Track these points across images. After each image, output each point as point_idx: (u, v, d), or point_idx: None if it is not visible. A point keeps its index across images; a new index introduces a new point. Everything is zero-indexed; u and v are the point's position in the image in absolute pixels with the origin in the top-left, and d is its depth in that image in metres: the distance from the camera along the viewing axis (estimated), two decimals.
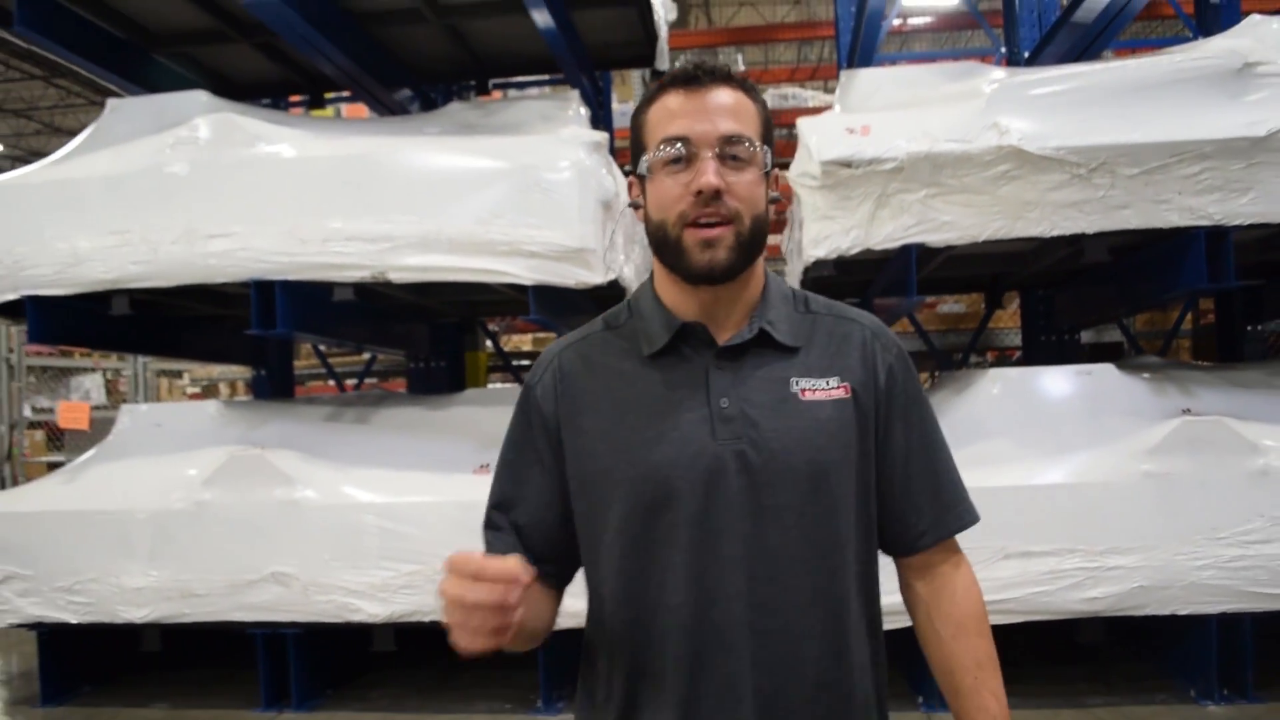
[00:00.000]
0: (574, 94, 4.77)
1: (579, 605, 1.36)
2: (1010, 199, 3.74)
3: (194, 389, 11.13)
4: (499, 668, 4.43)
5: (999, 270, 5.49)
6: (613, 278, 3.93)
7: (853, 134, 3.82)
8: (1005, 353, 7.91)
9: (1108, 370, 4.17)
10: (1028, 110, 3.78)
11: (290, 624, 3.95)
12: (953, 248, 3.90)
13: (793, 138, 4.30)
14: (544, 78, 6.71)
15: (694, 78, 1.24)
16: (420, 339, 5.99)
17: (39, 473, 7.79)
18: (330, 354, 7.73)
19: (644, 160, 1.26)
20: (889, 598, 1.33)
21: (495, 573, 1.03)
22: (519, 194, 3.81)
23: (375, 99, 5.39)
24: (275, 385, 5.94)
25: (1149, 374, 4.28)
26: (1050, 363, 4.73)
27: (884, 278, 4.60)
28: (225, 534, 3.94)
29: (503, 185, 3.84)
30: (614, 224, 4.03)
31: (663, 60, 5.73)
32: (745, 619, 1.20)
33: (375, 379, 8.33)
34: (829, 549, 1.24)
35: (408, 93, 5.67)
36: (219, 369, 10.02)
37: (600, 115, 5.71)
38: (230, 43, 5.18)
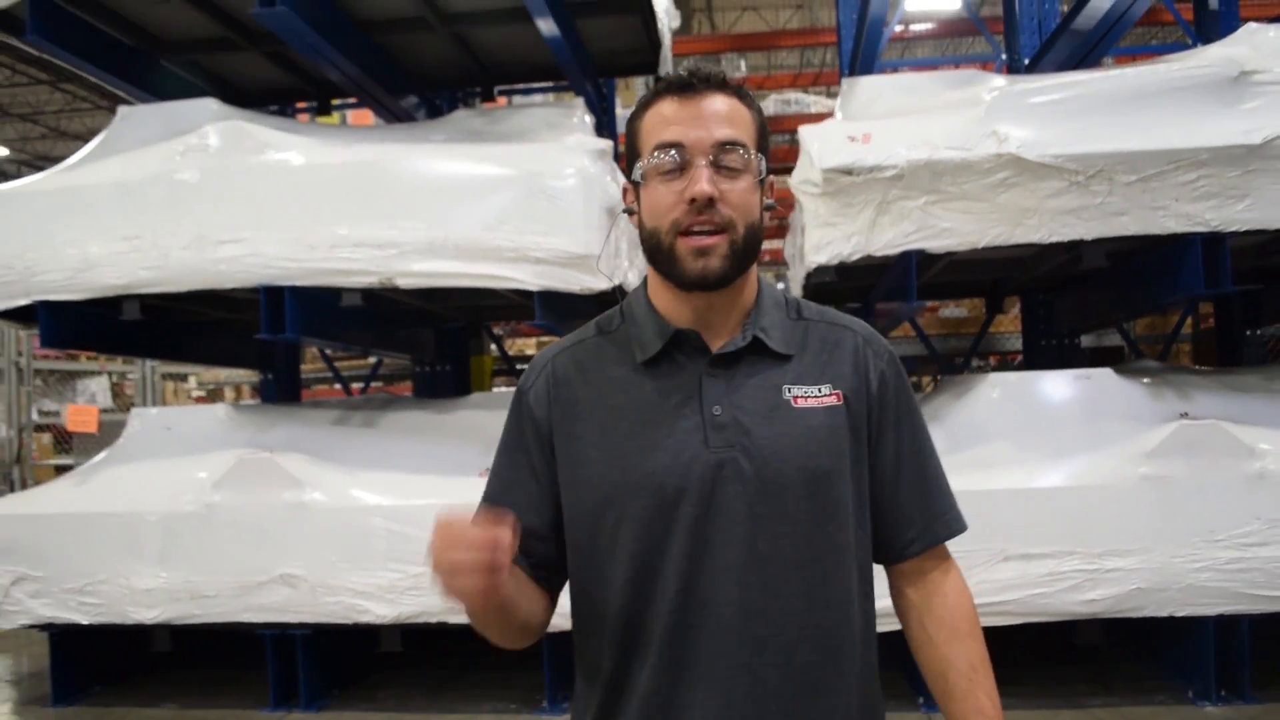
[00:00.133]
0: (579, 101, 4.83)
1: None
2: (1009, 206, 3.79)
3: (199, 392, 11.21)
4: (504, 668, 4.48)
5: (999, 275, 5.53)
6: (617, 283, 3.98)
7: (854, 142, 3.87)
8: (1007, 357, 7.95)
9: (1106, 375, 4.22)
10: (1026, 118, 3.83)
11: (299, 625, 4.00)
12: (953, 254, 3.95)
13: (796, 143, 4.35)
14: (548, 85, 6.76)
15: (689, 84, 1.23)
16: (426, 343, 6.04)
17: (47, 476, 7.85)
18: (336, 358, 7.78)
19: (638, 166, 1.25)
20: (880, 601, 1.33)
21: (479, 536, 1.06)
22: (525, 201, 3.86)
23: (382, 105, 5.45)
24: (282, 389, 6.00)
25: (1147, 378, 4.32)
26: (1051, 367, 4.77)
27: (885, 283, 4.65)
28: (234, 536, 3.98)
29: (509, 192, 3.89)
30: (618, 230, 4.08)
31: (666, 67, 5.79)
32: (737, 626, 1.20)
33: (380, 383, 8.38)
34: (823, 555, 1.23)
35: (414, 99, 5.74)
36: (225, 373, 10.08)
37: (604, 122, 5.77)
38: (239, 50, 5.25)
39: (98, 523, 4.09)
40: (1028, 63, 5.91)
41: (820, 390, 1.26)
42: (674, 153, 1.21)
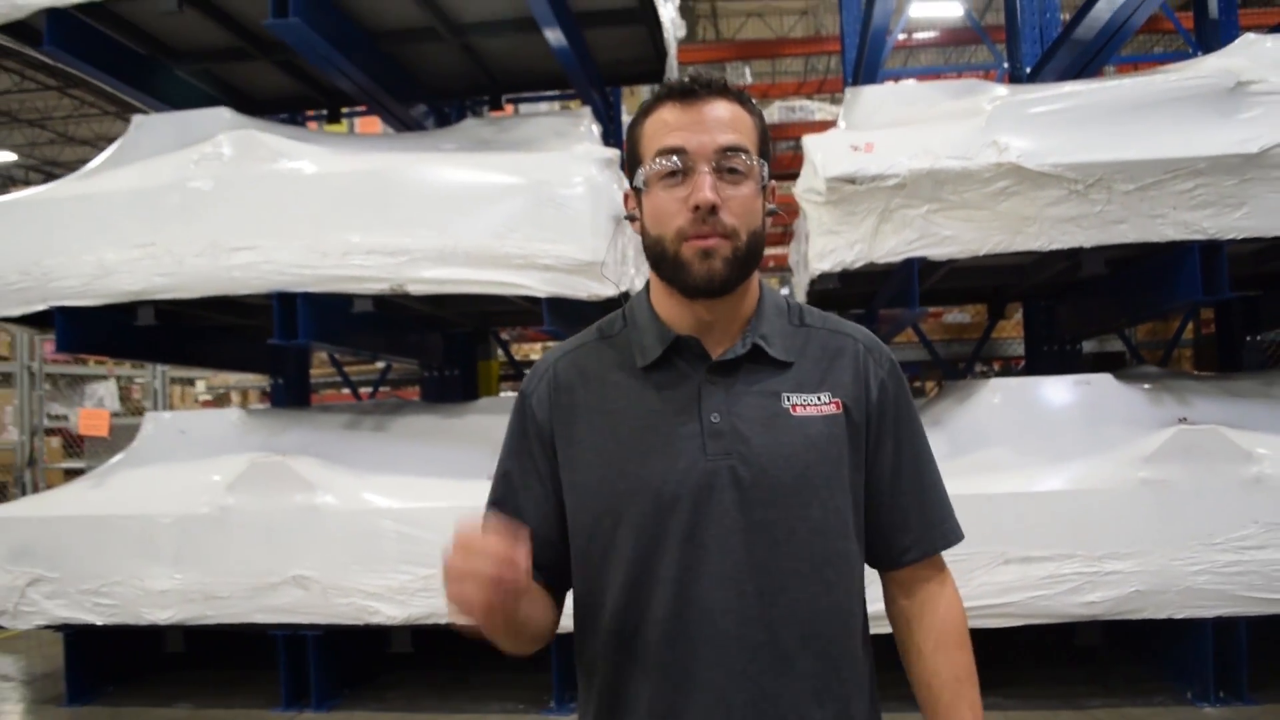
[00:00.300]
0: (586, 110, 4.89)
1: None
2: (1009, 214, 3.85)
3: (206, 396, 11.29)
4: (513, 669, 4.52)
5: (1001, 282, 5.58)
6: (624, 290, 4.04)
7: (857, 151, 3.93)
8: (1010, 362, 8.00)
9: (1106, 380, 4.27)
10: (1026, 128, 3.89)
11: (310, 626, 4.06)
12: (954, 261, 4.01)
13: (800, 150, 4.40)
14: (555, 93, 6.82)
15: (690, 90, 1.22)
16: (435, 348, 6.10)
17: (56, 479, 7.93)
18: (345, 362, 7.84)
19: (640, 173, 1.24)
20: (873, 605, 1.34)
21: (493, 551, 1.04)
22: (533, 209, 3.93)
23: (391, 114, 5.52)
24: (292, 393, 6.06)
25: (1147, 384, 4.37)
26: (1053, 372, 4.82)
27: (888, 290, 4.70)
28: (247, 538, 4.04)
29: (517, 200, 3.96)
30: (624, 237, 4.14)
31: (672, 75, 5.84)
32: (735, 633, 1.19)
33: (389, 387, 8.43)
34: (821, 563, 1.22)
35: (423, 108, 5.80)
36: (233, 378, 10.14)
37: (611, 130, 5.83)
38: (251, 60, 5.31)
39: (113, 525, 4.15)
40: (1029, 71, 5.97)
41: (820, 399, 1.25)
42: (676, 159, 1.20)
